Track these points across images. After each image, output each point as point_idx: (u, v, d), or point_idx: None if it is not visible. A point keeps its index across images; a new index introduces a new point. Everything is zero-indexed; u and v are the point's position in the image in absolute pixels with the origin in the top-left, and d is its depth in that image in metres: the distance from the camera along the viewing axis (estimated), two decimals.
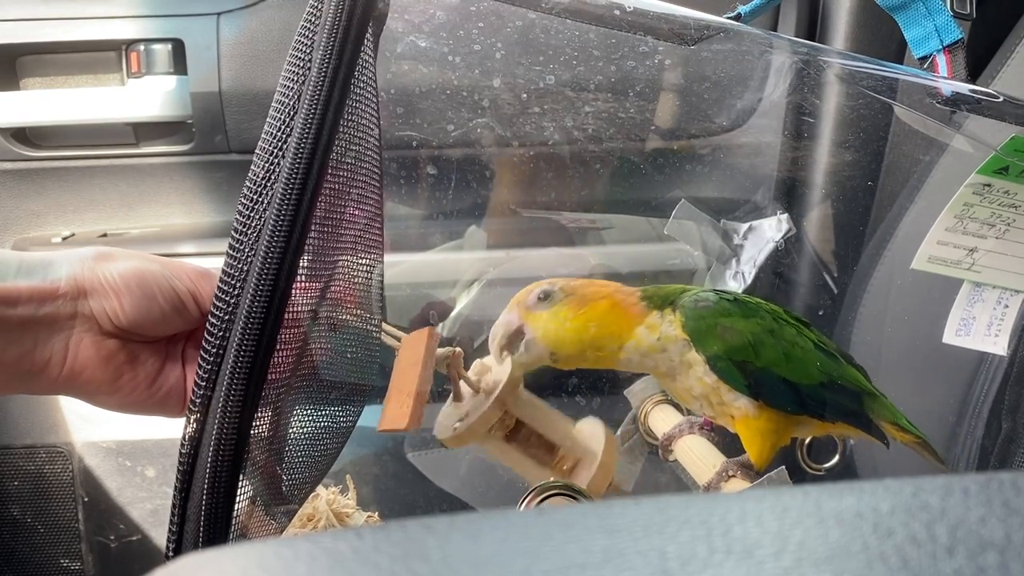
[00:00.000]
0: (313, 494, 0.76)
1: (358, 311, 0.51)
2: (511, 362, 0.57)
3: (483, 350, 0.62)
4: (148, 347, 0.47)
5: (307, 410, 0.48)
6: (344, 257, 0.48)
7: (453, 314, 0.87)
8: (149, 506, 1.00)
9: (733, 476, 0.58)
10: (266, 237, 0.38)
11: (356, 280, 0.50)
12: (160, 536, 1.00)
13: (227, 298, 0.39)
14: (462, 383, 0.57)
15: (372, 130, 0.46)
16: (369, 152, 0.46)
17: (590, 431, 0.61)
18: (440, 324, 0.57)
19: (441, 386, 0.63)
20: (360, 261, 0.50)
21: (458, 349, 0.56)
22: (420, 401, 0.51)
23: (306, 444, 0.48)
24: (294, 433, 0.46)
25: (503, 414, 0.58)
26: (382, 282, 0.53)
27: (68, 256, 0.45)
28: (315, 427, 0.49)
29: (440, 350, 0.55)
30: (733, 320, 0.56)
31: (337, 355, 0.50)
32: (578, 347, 0.56)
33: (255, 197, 0.39)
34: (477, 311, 0.89)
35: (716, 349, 0.55)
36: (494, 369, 0.59)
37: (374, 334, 0.54)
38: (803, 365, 0.57)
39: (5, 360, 0.43)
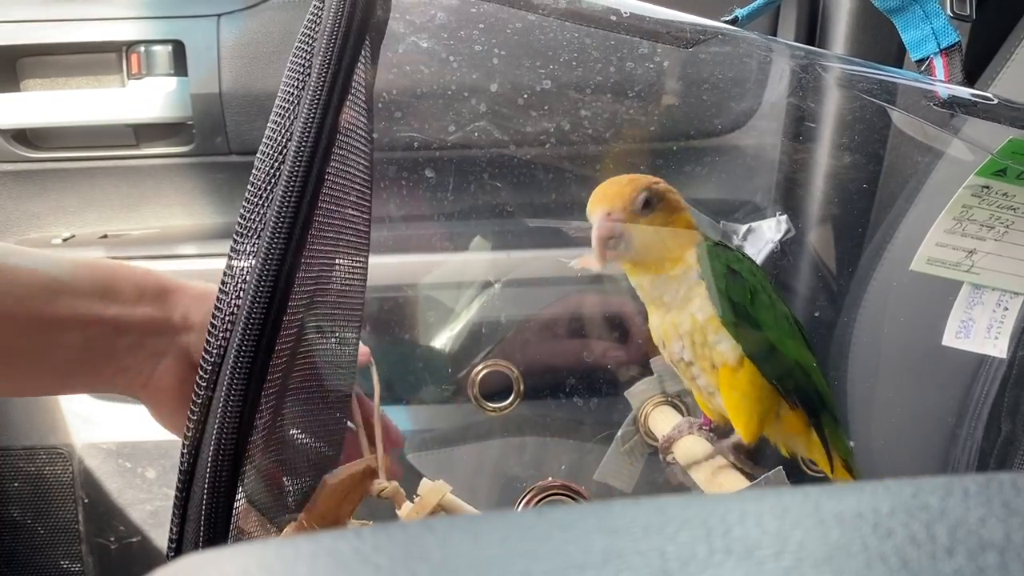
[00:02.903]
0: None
1: (350, 314, 0.52)
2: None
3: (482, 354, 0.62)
4: None
5: (306, 410, 0.48)
6: (340, 260, 0.48)
7: (460, 324, 0.87)
8: (149, 507, 1.00)
9: (725, 464, 0.58)
10: (267, 238, 0.39)
11: (349, 283, 0.50)
12: (160, 538, 1.00)
13: (228, 299, 0.39)
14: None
15: (364, 135, 0.47)
16: (360, 158, 0.47)
17: None
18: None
19: (440, 387, 0.62)
20: (354, 263, 0.50)
21: (394, 483, 0.50)
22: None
23: (305, 444, 0.48)
24: (294, 434, 0.47)
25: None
26: (364, 285, 0.53)
27: (186, 291, 0.47)
28: (314, 427, 0.49)
29: (377, 483, 0.50)
30: (741, 267, 0.59)
31: (334, 357, 0.51)
32: (650, 258, 0.59)
33: (257, 200, 0.39)
34: (478, 318, 0.89)
35: (720, 285, 0.58)
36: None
37: (352, 340, 0.54)
38: (786, 336, 0.60)
39: (103, 373, 0.45)
